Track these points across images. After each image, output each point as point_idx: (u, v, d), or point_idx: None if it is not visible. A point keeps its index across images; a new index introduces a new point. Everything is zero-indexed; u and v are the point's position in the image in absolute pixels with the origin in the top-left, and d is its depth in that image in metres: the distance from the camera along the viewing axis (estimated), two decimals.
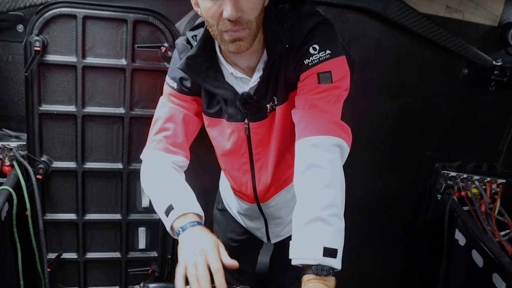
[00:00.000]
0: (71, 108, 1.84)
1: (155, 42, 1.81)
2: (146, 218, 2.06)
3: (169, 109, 1.36)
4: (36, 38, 1.69)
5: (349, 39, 1.97)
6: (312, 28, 1.20)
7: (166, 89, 1.39)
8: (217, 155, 1.52)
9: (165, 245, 2.12)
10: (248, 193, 1.49)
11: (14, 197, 1.78)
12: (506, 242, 2.00)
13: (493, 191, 2.18)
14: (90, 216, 2.01)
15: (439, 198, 2.24)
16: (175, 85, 1.35)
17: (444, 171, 2.21)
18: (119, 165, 1.95)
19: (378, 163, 2.23)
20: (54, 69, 1.78)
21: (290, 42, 1.19)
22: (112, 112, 1.88)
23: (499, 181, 2.18)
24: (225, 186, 1.68)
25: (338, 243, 1.07)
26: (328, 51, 1.19)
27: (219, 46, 1.26)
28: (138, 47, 1.80)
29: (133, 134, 1.92)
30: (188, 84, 1.33)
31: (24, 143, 1.86)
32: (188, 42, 1.31)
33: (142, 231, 2.09)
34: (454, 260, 2.15)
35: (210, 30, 1.17)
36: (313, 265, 1.01)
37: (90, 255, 2.07)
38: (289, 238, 1.12)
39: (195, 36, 1.29)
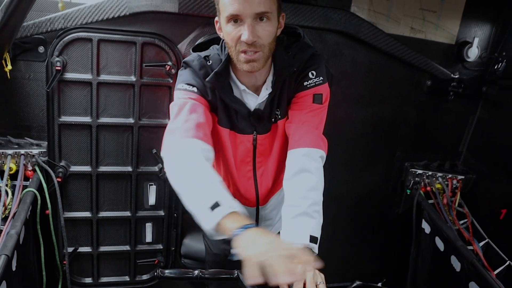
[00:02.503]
0: (86, 119, 2.09)
1: (161, 61, 2.07)
2: (152, 214, 2.31)
3: (196, 103, 1.39)
4: (57, 59, 1.95)
5: (328, 56, 2.26)
6: (311, 57, 1.46)
7: (182, 93, 1.42)
8: (219, 166, 1.64)
9: (169, 238, 2.38)
10: (251, 198, 1.65)
11: (39, 198, 2.02)
12: (464, 229, 2.31)
13: (454, 186, 2.50)
14: (103, 214, 2.26)
15: (408, 193, 2.55)
16: (195, 89, 1.42)
17: (412, 169, 2.52)
18: (129, 168, 2.21)
19: (356, 163, 2.53)
20: (72, 85, 2.03)
21: (294, 67, 1.44)
22: (123, 122, 2.13)
23: (459, 177, 2.49)
24: None
25: (318, 233, 1.31)
26: (321, 78, 1.47)
27: (232, 66, 1.45)
28: (145, 65, 2.06)
29: (141, 141, 2.18)
30: (208, 96, 1.44)
31: (45, 150, 2.10)
32: (203, 59, 1.45)
33: (149, 226, 2.35)
34: (421, 246, 2.46)
35: (229, 51, 1.36)
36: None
37: (103, 248, 2.32)
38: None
39: (207, 56, 1.46)
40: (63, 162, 2.14)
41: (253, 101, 1.48)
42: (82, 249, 2.29)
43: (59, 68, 1.95)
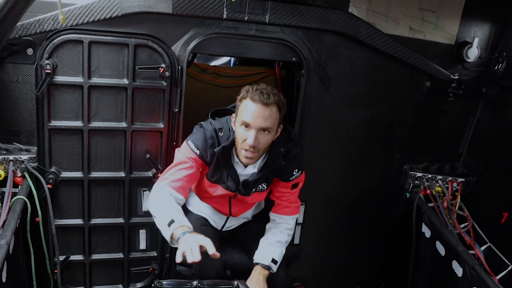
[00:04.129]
0: (78, 124, 2.02)
1: (154, 64, 2.02)
2: (146, 221, 2.25)
3: (190, 164, 1.89)
4: (47, 61, 1.89)
5: (325, 57, 2.22)
6: (296, 155, 2.00)
7: (187, 150, 1.90)
8: (198, 192, 2.15)
9: (164, 245, 2.32)
10: (224, 213, 2.16)
11: (28, 205, 1.96)
12: (464, 233, 2.28)
13: (454, 189, 2.46)
14: (95, 221, 2.20)
15: (407, 196, 2.51)
16: (198, 151, 1.89)
17: (412, 172, 2.48)
18: (122, 174, 2.15)
19: (353, 165, 2.48)
20: (63, 89, 1.97)
21: (284, 161, 1.97)
22: (115, 126, 2.07)
23: (460, 180, 2.46)
24: (195, 203, 2.18)
25: (279, 259, 2.03)
26: (300, 171, 2.03)
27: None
28: (138, 68, 2.00)
29: (134, 145, 2.12)
30: (207, 158, 1.91)
31: (34, 155, 2.03)
32: (215, 131, 1.92)
33: (142, 233, 2.29)
34: (421, 250, 2.42)
35: (236, 143, 1.87)
36: (264, 264, 1.99)
37: (95, 256, 2.26)
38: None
39: (221, 128, 1.93)
40: (54, 168, 2.07)
41: (240, 169, 1.98)
42: (74, 257, 2.23)
43: (49, 71, 1.89)
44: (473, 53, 2.28)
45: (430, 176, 2.47)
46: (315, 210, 2.50)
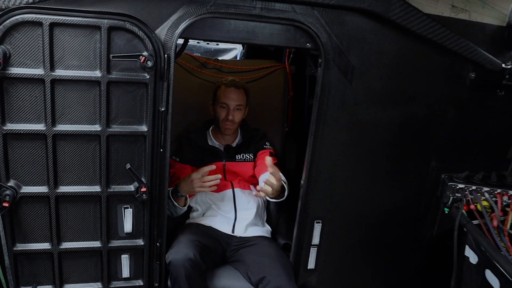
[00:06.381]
0: (40, 127, 1.64)
1: (133, 51, 1.62)
2: (129, 244, 1.87)
3: (174, 172, 2.34)
4: None
5: (348, 43, 1.81)
6: (264, 133, 2.56)
7: (172, 162, 2.31)
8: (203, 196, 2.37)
9: (152, 272, 1.94)
10: (225, 186, 2.34)
11: None
12: None
13: (505, 203, 2.03)
14: (66, 245, 1.82)
15: (446, 212, 2.09)
16: (178, 159, 2.38)
17: (451, 183, 2.06)
18: (97, 188, 1.76)
19: (380, 175, 2.08)
20: (19, 83, 1.58)
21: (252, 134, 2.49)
22: (87, 130, 1.68)
23: (510, 192, 2.03)
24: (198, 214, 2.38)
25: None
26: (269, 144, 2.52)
27: (211, 132, 2.49)
28: (113, 57, 1.61)
29: (111, 153, 1.73)
30: (185, 155, 2.39)
31: None
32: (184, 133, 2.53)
33: (125, 259, 1.90)
34: (465, 279, 1.99)
35: (216, 119, 2.38)
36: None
37: (68, 287, 1.88)
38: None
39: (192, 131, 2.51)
40: (12, 182, 1.69)
41: (220, 147, 2.44)
42: None
43: (0, 61, 1.50)
44: None
45: (474, 187, 2.04)
46: (333, 229, 2.10)
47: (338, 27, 1.78)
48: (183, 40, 1.89)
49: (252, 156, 2.42)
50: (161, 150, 1.77)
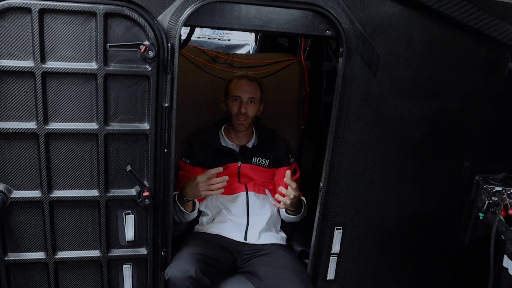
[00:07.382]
0: (31, 125, 1.49)
1: (133, 40, 1.46)
2: (131, 253, 1.72)
3: (184, 176, 2.19)
4: None
5: (372, 30, 1.63)
6: (284, 138, 2.41)
7: (182, 164, 2.24)
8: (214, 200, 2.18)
9: (156, 283, 1.79)
10: (237, 188, 2.17)
11: None
12: None
13: None
14: (62, 254, 1.67)
15: (481, 218, 1.90)
16: (188, 160, 2.22)
17: (487, 185, 1.87)
18: (95, 192, 1.61)
19: (407, 177, 1.90)
20: (7, 78, 1.43)
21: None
22: (83, 128, 1.53)
23: None
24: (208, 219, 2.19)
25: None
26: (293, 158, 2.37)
27: (223, 131, 2.28)
28: (111, 46, 1.45)
29: (110, 154, 1.57)
30: (196, 156, 2.21)
31: None
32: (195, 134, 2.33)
33: (127, 269, 1.75)
34: None
35: (228, 115, 2.20)
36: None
37: None
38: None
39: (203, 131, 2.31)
40: (2, 185, 1.54)
41: (233, 147, 2.24)
42: None
43: None
44: None
45: None
46: (355, 236, 1.93)
47: (361, 11, 1.60)
48: (188, 28, 1.72)
49: (268, 162, 2.23)
50: (165, 150, 1.61)
